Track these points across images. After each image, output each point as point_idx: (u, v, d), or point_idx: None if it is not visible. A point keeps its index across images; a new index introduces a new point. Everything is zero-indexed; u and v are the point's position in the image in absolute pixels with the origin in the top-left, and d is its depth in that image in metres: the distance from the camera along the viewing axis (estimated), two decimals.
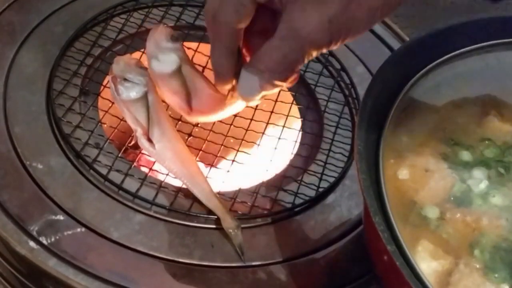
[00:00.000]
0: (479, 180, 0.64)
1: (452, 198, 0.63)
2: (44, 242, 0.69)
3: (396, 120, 0.66)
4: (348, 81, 0.91)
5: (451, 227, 0.60)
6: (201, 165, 0.79)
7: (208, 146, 0.81)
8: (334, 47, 0.56)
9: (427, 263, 0.58)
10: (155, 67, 0.78)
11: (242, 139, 0.83)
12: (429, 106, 0.70)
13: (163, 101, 0.79)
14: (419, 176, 0.64)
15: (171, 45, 0.78)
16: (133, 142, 0.78)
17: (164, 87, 0.77)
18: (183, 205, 0.75)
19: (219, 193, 0.77)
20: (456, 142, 0.67)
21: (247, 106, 0.84)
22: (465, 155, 0.66)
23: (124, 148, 0.79)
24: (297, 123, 0.88)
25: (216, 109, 0.73)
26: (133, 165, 0.78)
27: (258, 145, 0.83)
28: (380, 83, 0.64)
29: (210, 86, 0.75)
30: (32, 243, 0.69)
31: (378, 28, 0.98)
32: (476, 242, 0.59)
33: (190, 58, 0.80)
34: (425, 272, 0.54)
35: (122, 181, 0.76)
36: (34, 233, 0.70)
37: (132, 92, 0.77)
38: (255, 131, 0.84)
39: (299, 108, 0.89)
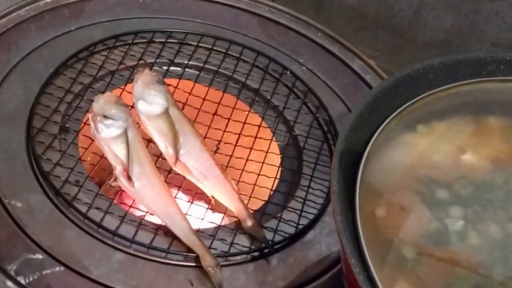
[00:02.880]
0: (455, 218, 0.64)
1: (428, 237, 0.63)
2: (22, 281, 0.69)
3: (372, 159, 0.66)
4: (327, 118, 0.92)
5: (428, 267, 0.61)
6: (180, 201, 0.79)
7: (188, 183, 0.81)
8: None
9: None
10: (142, 108, 0.79)
11: None
12: (405, 144, 0.70)
13: (144, 138, 0.80)
14: (396, 215, 0.64)
15: (159, 87, 0.80)
16: (112, 180, 0.78)
17: (151, 128, 0.79)
18: (163, 242, 0.75)
19: (198, 230, 0.77)
20: (432, 180, 0.68)
21: (225, 143, 0.85)
22: (442, 193, 0.66)
23: (104, 185, 0.79)
24: (276, 159, 0.88)
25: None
26: (113, 203, 0.78)
27: (238, 181, 0.83)
28: (354, 124, 0.65)
29: (198, 134, 0.79)
30: (9, 283, 0.68)
31: (356, 65, 1.00)
32: (454, 282, 0.59)
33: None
34: None
35: (102, 219, 0.76)
36: (12, 273, 0.69)
37: (112, 129, 0.78)
38: (234, 168, 0.84)
39: (278, 145, 0.90)
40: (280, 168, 0.87)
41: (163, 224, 0.76)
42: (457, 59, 0.72)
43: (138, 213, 0.79)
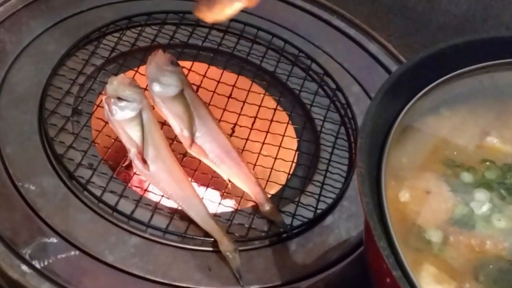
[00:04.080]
0: (481, 202, 0.63)
1: (454, 221, 0.62)
2: (37, 266, 0.68)
3: (396, 142, 0.65)
4: (343, 101, 0.91)
5: (455, 251, 0.60)
6: (196, 185, 0.78)
7: (204, 167, 0.80)
8: None
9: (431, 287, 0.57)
10: (157, 90, 0.78)
11: None
12: (428, 127, 0.69)
13: (158, 121, 0.78)
14: (421, 198, 0.63)
15: (173, 68, 0.78)
16: (126, 163, 0.76)
17: (166, 110, 0.78)
18: (179, 227, 0.74)
19: (215, 214, 0.75)
20: (457, 163, 0.66)
21: (241, 126, 0.84)
22: (466, 177, 0.65)
23: (118, 168, 0.78)
24: (293, 143, 0.87)
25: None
26: (127, 186, 0.76)
27: (255, 165, 0.81)
28: (379, 105, 0.63)
29: (213, 116, 0.79)
30: (24, 267, 0.67)
31: (373, 47, 0.98)
32: (481, 266, 0.58)
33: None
34: None
35: (117, 203, 0.74)
36: (27, 257, 0.68)
37: (126, 111, 0.77)
38: (251, 152, 0.83)
39: (295, 128, 0.88)
40: (297, 152, 0.85)
41: (179, 208, 0.75)
42: (481, 39, 0.70)
43: (153, 197, 0.77)
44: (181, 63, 0.85)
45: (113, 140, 0.80)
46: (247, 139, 0.84)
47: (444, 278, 0.57)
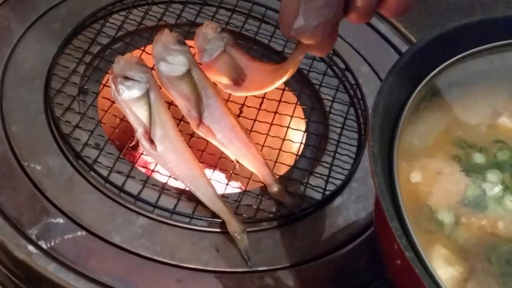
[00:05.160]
0: (493, 183, 0.62)
1: (466, 202, 0.61)
2: (44, 246, 0.67)
3: (408, 123, 0.64)
4: (353, 81, 0.89)
5: (466, 232, 0.59)
6: (203, 166, 0.77)
7: (211, 147, 0.79)
8: None
9: (443, 269, 0.56)
10: (164, 69, 0.77)
11: None
12: (440, 107, 0.68)
13: (166, 101, 0.78)
14: (432, 179, 0.62)
15: (180, 47, 0.77)
16: (133, 143, 0.76)
17: (173, 90, 0.77)
18: (187, 208, 0.73)
19: (223, 195, 0.75)
20: (469, 144, 0.66)
21: (249, 107, 0.83)
22: (478, 158, 0.65)
23: (125, 148, 0.77)
24: (301, 124, 0.86)
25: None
26: (134, 167, 0.75)
27: (262, 146, 0.81)
28: (391, 85, 0.62)
29: (221, 96, 0.79)
30: (31, 247, 0.66)
31: (382, 27, 0.97)
32: (493, 247, 0.58)
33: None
34: (442, 279, 0.52)
35: (124, 183, 0.74)
36: (33, 237, 0.67)
37: (133, 90, 0.76)
38: (259, 132, 0.82)
39: (303, 109, 0.87)
40: (305, 133, 0.84)
41: (187, 189, 0.74)
42: (495, 18, 0.69)
43: (160, 178, 0.77)
44: (188, 42, 0.84)
45: (119, 120, 0.79)
46: (255, 120, 0.83)
47: (456, 260, 0.57)
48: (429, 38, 0.66)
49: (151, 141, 0.74)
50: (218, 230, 0.72)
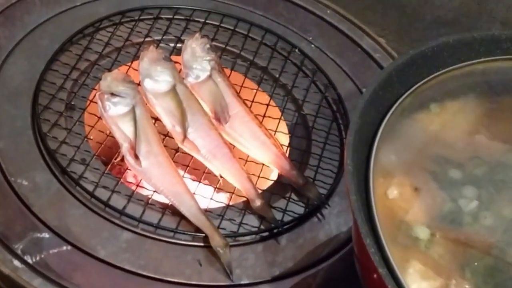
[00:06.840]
0: (469, 199, 0.63)
1: (442, 218, 0.62)
2: (29, 260, 0.68)
3: (385, 139, 0.65)
4: (336, 97, 0.91)
5: (441, 248, 0.60)
6: (188, 181, 0.78)
7: (195, 162, 0.80)
8: None
9: (418, 284, 0.57)
10: (149, 85, 0.78)
11: None
12: (418, 124, 0.69)
13: (151, 117, 0.79)
14: (409, 195, 0.63)
15: (165, 63, 0.79)
16: (119, 159, 0.77)
17: (158, 106, 0.78)
18: (171, 222, 0.74)
19: (206, 210, 0.76)
20: (446, 160, 0.67)
21: None
22: (455, 173, 0.66)
23: (110, 164, 0.78)
24: (285, 139, 0.87)
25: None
26: (120, 182, 0.77)
27: (246, 161, 0.82)
28: (368, 102, 0.64)
29: (205, 112, 0.79)
30: (16, 262, 0.67)
31: (366, 43, 0.98)
32: (468, 263, 0.59)
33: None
34: None
35: (109, 198, 0.75)
36: (19, 252, 0.68)
37: (119, 106, 0.77)
38: None
39: (287, 124, 0.88)
40: (288, 148, 0.86)
41: (171, 203, 0.75)
42: (472, 37, 0.71)
43: (145, 192, 0.78)
44: (174, 58, 0.86)
45: (106, 136, 0.80)
46: None
47: (430, 275, 0.58)
48: (407, 56, 0.68)
49: (136, 157, 0.75)
50: (202, 244, 0.73)
